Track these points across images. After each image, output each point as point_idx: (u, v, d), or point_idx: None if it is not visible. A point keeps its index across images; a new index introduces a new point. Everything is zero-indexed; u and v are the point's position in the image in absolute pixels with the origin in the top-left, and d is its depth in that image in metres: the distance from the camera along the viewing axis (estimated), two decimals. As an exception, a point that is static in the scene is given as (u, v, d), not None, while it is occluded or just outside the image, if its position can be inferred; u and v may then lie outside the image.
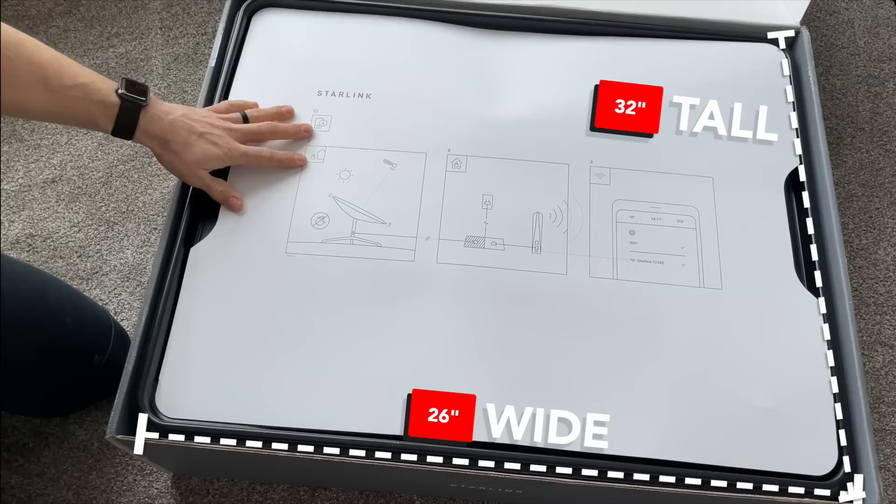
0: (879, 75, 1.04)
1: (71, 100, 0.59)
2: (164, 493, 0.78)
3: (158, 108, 0.65)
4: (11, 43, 0.56)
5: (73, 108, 0.60)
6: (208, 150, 0.66)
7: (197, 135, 0.66)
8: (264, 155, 0.70)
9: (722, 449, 0.62)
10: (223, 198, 0.69)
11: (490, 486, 0.67)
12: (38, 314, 0.68)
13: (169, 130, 0.64)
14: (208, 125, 0.67)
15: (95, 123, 0.62)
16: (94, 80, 0.61)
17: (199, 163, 0.67)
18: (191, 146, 0.66)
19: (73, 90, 0.59)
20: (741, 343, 0.66)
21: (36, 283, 0.70)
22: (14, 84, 0.56)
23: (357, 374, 0.64)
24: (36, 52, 0.58)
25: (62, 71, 0.59)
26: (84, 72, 0.60)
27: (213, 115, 0.69)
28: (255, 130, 0.70)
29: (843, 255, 0.69)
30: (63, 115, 0.60)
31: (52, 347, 0.70)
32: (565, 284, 0.68)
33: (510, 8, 0.82)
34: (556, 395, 0.64)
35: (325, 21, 0.82)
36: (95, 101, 0.60)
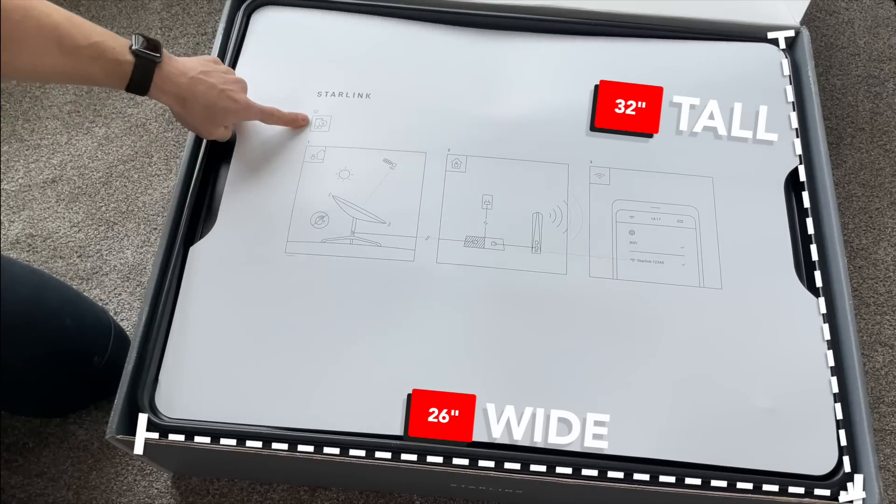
0: (879, 75, 1.04)
1: (84, 60, 0.58)
2: (164, 493, 0.78)
3: (174, 65, 0.64)
4: (20, 6, 0.54)
5: (87, 68, 0.59)
6: (229, 106, 0.68)
7: (217, 91, 0.67)
8: (275, 114, 0.73)
9: (722, 449, 0.62)
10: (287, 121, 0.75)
11: (490, 486, 0.67)
12: (37, 316, 0.68)
13: (188, 89, 0.65)
14: (226, 80, 0.68)
15: (110, 81, 0.61)
16: (106, 39, 0.59)
17: (215, 120, 0.68)
18: (213, 104, 0.66)
19: (87, 50, 0.58)
20: (741, 343, 0.66)
21: (34, 284, 0.69)
22: (26, 47, 0.55)
23: (357, 374, 0.64)
24: (46, 12, 0.56)
25: (74, 31, 0.57)
26: (97, 30, 0.59)
27: (230, 72, 0.70)
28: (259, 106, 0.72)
29: (843, 255, 0.69)
30: (77, 75, 0.59)
31: (50, 349, 0.69)
32: (565, 284, 0.68)
33: (510, 8, 0.82)
34: (556, 395, 0.64)
35: (324, 20, 0.82)
36: (109, 59, 0.59)
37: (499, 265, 0.69)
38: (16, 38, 0.54)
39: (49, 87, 1.01)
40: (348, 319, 0.66)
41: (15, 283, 0.66)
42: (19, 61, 0.55)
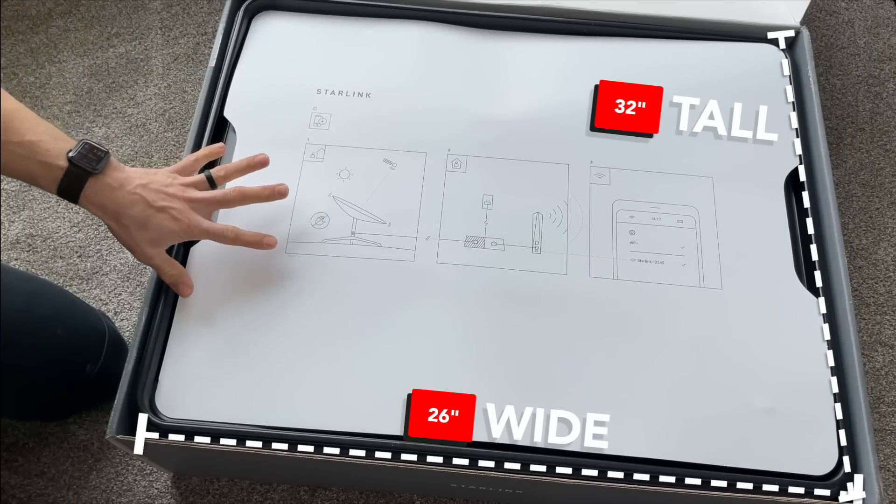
0: (879, 75, 1.04)
1: (14, 157, 0.56)
2: (164, 493, 0.78)
3: (113, 175, 0.59)
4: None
5: (14, 166, 0.56)
6: (165, 227, 0.60)
7: (155, 209, 0.60)
8: (228, 235, 0.64)
9: (722, 449, 0.62)
10: (172, 282, 0.65)
11: (490, 486, 0.67)
12: (27, 325, 0.67)
13: (122, 204, 0.59)
14: (168, 197, 0.61)
15: (38, 183, 0.58)
16: (43, 140, 0.57)
17: (153, 241, 0.61)
18: (147, 223, 0.60)
19: (18, 147, 0.56)
20: (741, 343, 0.66)
21: (25, 293, 0.68)
22: None
23: (357, 374, 0.64)
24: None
25: (11, 126, 0.55)
26: (37, 129, 0.57)
27: (175, 183, 0.63)
28: (220, 199, 0.64)
29: (843, 255, 0.69)
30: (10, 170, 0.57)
31: (41, 358, 0.69)
32: (565, 284, 0.68)
33: (510, 8, 0.82)
34: (556, 395, 0.64)
35: (325, 24, 0.82)
36: (38, 161, 0.56)
37: (499, 265, 0.69)
38: None
39: (49, 87, 1.01)
40: (348, 320, 0.66)
41: (5, 293, 0.65)
42: None
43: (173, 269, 0.64)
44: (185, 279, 0.65)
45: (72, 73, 1.02)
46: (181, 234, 0.62)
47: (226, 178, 0.67)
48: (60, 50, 1.04)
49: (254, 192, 0.66)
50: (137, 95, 1.01)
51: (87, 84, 1.01)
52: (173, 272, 0.64)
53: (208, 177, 0.65)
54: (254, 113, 0.76)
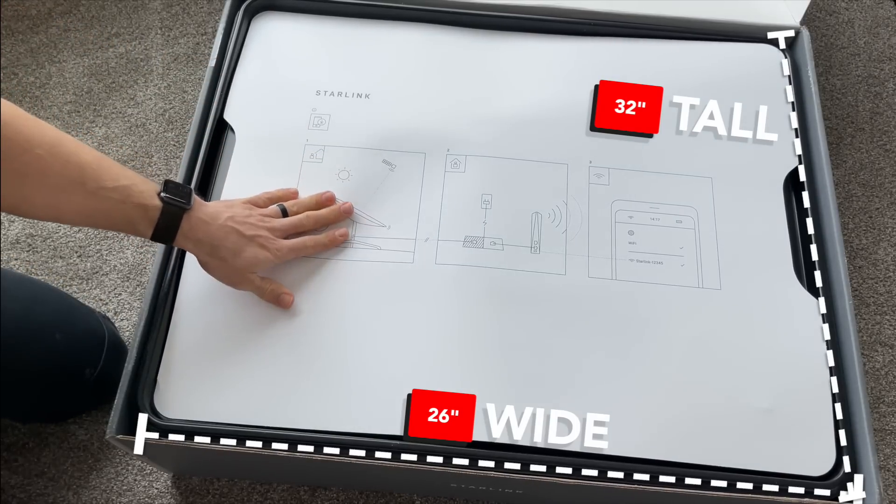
0: (879, 75, 1.04)
1: (109, 202, 0.55)
2: (164, 493, 0.78)
3: (203, 210, 0.61)
4: (47, 141, 0.52)
5: (111, 212, 0.56)
6: (259, 255, 0.63)
7: (247, 239, 0.63)
8: (309, 245, 0.68)
9: (722, 449, 0.62)
10: (274, 297, 0.66)
11: (490, 486, 0.67)
12: (25, 331, 0.67)
13: (216, 237, 0.61)
14: (254, 227, 0.64)
15: (135, 227, 0.57)
16: (135, 182, 0.57)
17: (250, 268, 0.64)
18: (241, 252, 0.62)
19: (113, 192, 0.55)
20: (740, 343, 0.66)
21: (24, 298, 0.68)
22: (48, 184, 0.52)
23: (357, 375, 0.64)
24: (74, 151, 0.54)
25: (102, 172, 0.55)
26: (126, 174, 0.57)
27: (255, 213, 0.66)
28: (296, 224, 0.68)
29: (843, 255, 0.69)
30: (99, 218, 0.56)
31: (39, 364, 0.69)
32: (564, 284, 0.68)
33: (510, 8, 0.82)
34: (556, 395, 0.64)
35: (324, 24, 0.82)
36: (135, 203, 0.56)
37: (498, 265, 0.69)
38: (37, 173, 0.52)
39: (49, 87, 1.01)
40: (348, 320, 0.66)
41: (2, 299, 0.65)
42: (39, 198, 0.53)
43: (271, 286, 0.66)
44: (283, 290, 0.67)
45: (72, 73, 1.02)
46: (272, 259, 0.65)
47: (297, 211, 0.69)
48: (60, 50, 1.04)
49: (324, 216, 0.69)
50: (137, 95, 1.01)
51: (87, 84, 1.01)
52: (272, 288, 0.66)
53: (282, 208, 0.69)
54: (253, 114, 0.76)
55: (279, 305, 0.66)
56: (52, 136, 0.53)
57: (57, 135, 0.53)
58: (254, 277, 0.65)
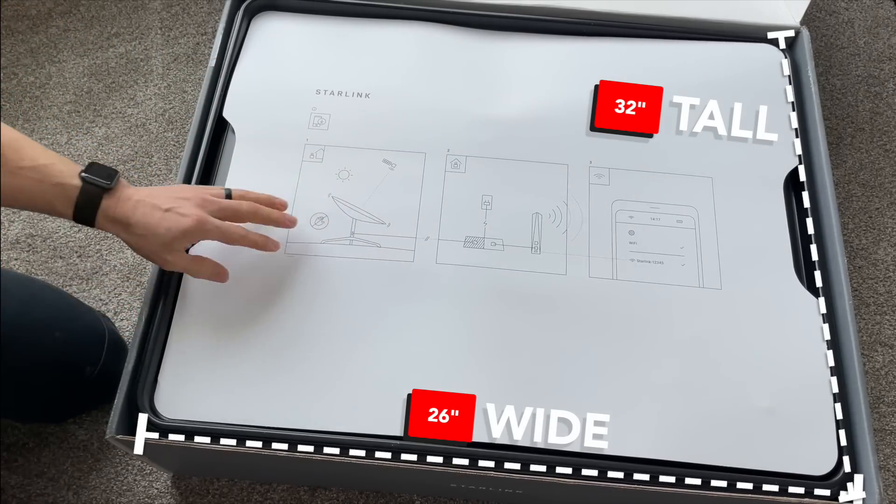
0: (879, 75, 1.04)
1: (28, 181, 0.55)
2: (164, 493, 0.78)
3: (125, 192, 0.59)
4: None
5: (30, 191, 0.56)
6: (176, 225, 0.59)
7: (162, 210, 0.59)
8: (237, 232, 0.63)
9: (721, 449, 0.62)
10: (210, 273, 0.64)
11: (490, 486, 0.67)
12: (22, 329, 0.67)
13: (132, 212, 0.59)
14: (176, 199, 0.61)
15: (53, 208, 0.57)
16: (53, 162, 0.57)
17: (168, 243, 0.60)
18: (156, 225, 0.59)
19: (31, 171, 0.55)
20: (741, 343, 0.66)
21: (22, 297, 0.68)
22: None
23: (357, 375, 0.64)
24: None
25: (21, 152, 0.55)
26: (45, 153, 0.57)
27: (189, 189, 0.63)
28: (233, 207, 0.63)
29: (843, 255, 0.69)
30: (20, 198, 0.56)
31: (39, 362, 0.69)
32: (565, 285, 0.68)
33: (510, 8, 0.82)
34: (556, 395, 0.64)
35: (324, 24, 0.82)
36: (54, 183, 0.56)
37: (498, 265, 0.69)
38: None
39: (49, 87, 1.01)
40: (348, 320, 0.66)
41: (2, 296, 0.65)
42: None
43: (202, 265, 0.64)
44: (219, 269, 0.64)
45: (72, 73, 1.02)
46: (191, 230, 0.60)
47: (243, 198, 0.66)
48: (60, 50, 1.04)
49: (265, 213, 0.66)
50: (137, 95, 1.01)
51: (86, 84, 1.01)
52: (204, 268, 0.64)
53: (227, 191, 0.65)
54: (253, 113, 0.76)
55: (217, 280, 0.64)
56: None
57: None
58: (178, 257, 0.62)
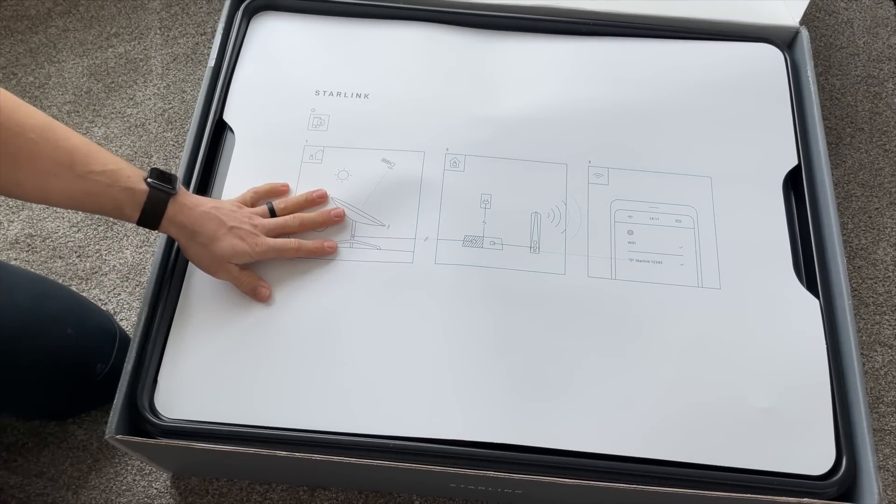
0: (878, 75, 1.04)
1: (98, 185, 0.57)
2: (163, 493, 0.78)
3: (187, 198, 0.63)
4: (38, 126, 0.54)
5: (99, 195, 0.58)
6: (236, 246, 0.64)
7: (226, 228, 0.64)
8: (291, 247, 0.67)
9: (720, 448, 0.62)
10: (250, 288, 0.66)
11: (490, 486, 0.67)
12: (36, 325, 0.67)
13: (198, 222, 0.62)
14: (237, 219, 0.65)
15: (121, 211, 0.59)
16: (122, 167, 0.59)
17: (227, 257, 0.64)
18: (219, 240, 0.63)
19: (101, 176, 0.57)
20: (740, 343, 0.66)
21: (34, 292, 0.69)
22: (38, 168, 0.55)
23: (356, 375, 0.64)
24: (65, 136, 0.56)
25: (90, 157, 0.57)
26: (113, 158, 0.59)
27: (243, 210, 0.67)
28: (281, 225, 0.68)
29: (843, 255, 0.69)
30: (88, 201, 0.58)
31: (51, 358, 0.69)
32: (564, 284, 0.68)
33: (510, 8, 0.82)
34: (556, 394, 0.64)
35: (323, 24, 0.82)
36: (123, 187, 0.58)
37: (497, 265, 0.69)
38: (29, 157, 0.54)
39: (48, 87, 1.01)
40: (347, 320, 0.66)
41: (13, 291, 0.66)
42: (30, 181, 0.55)
43: (249, 277, 0.66)
44: (262, 283, 0.67)
45: (71, 73, 1.02)
46: (249, 252, 0.65)
47: (285, 210, 0.70)
48: (60, 50, 1.04)
49: (311, 219, 0.69)
50: (137, 95, 1.01)
51: (86, 84, 1.01)
52: (249, 280, 0.66)
53: (270, 208, 0.69)
54: (252, 114, 0.76)
55: (255, 298, 0.67)
56: (42, 121, 0.55)
57: (48, 120, 0.56)
58: (231, 268, 0.65)
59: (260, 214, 0.68)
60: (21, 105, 0.54)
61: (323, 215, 0.70)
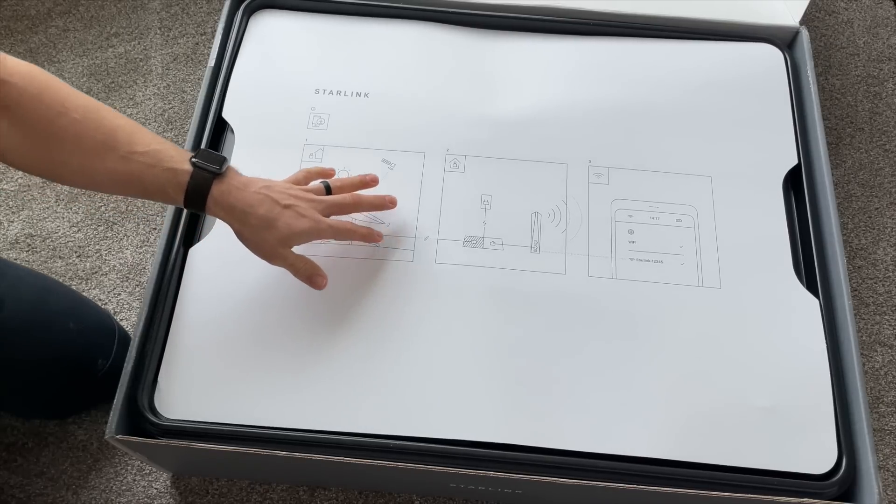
0: (878, 75, 1.04)
1: (141, 166, 0.56)
2: (163, 493, 0.78)
3: (235, 178, 0.60)
4: (82, 106, 0.54)
5: (142, 175, 0.56)
6: (295, 224, 0.60)
7: (281, 206, 0.60)
8: (347, 228, 0.64)
9: (721, 448, 0.62)
10: (306, 276, 0.63)
11: (490, 486, 0.67)
12: (40, 319, 0.68)
13: (248, 203, 0.59)
14: (292, 197, 0.61)
15: (166, 193, 0.57)
16: (166, 148, 0.57)
17: (284, 240, 0.60)
18: (275, 220, 0.59)
19: (144, 156, 0.56)
20: (740, 342, 0.66)
21: (38, 287, 0.69)
22: (82, 148, 0.54)
23: (356, 375, 0.64)
24: (108, 117, 0.56)
25: (134, 137, 0.56)
26: (158, 139, 0.58)
27: (294, 187, 0.63)
28: (339, 202, 0.64)
29: (843, 255, 0.69)
30: (131, 183, 0.57)
31: (54, 352, 0.69)
32: (564, 284, 0.68)
33: (510, 8, 0.82)
34: (556, 394, 0.64)
35: (323, 23, 0.82)
36: (165, 167, 0.56)
37: (498, 265, 0.69)
38: (73, 137, 0.54)
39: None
40: (347, 320, 0.66)
41: (18, 286, 0.66)
42: (74, 160, 0.55)
43: (306, 264, 0.63)
44: (318, 271, 0.64)
45: (71, 73, 1.02)
46: (308, 231, 0.61)
47: (341, 189, 0.67)
48: (59, 50, 1.04)
49: (368, 200, 0.67)
50: (137, 95, 1.01)
51: (86, 84, 1.01)
52: (306, 267, 0.63)
53: (325, 185, 0.66)
54: (252, 113, 0.76)
55: (312, 286, 0.64)
56: (87, 102, 0.55)
57: (92, 102, 0.56)
58: (288, 253, 0.62)
59: (315, 191, 0.64)
60: (65, 86, 0.54)
61: (378, 198, 0.67)
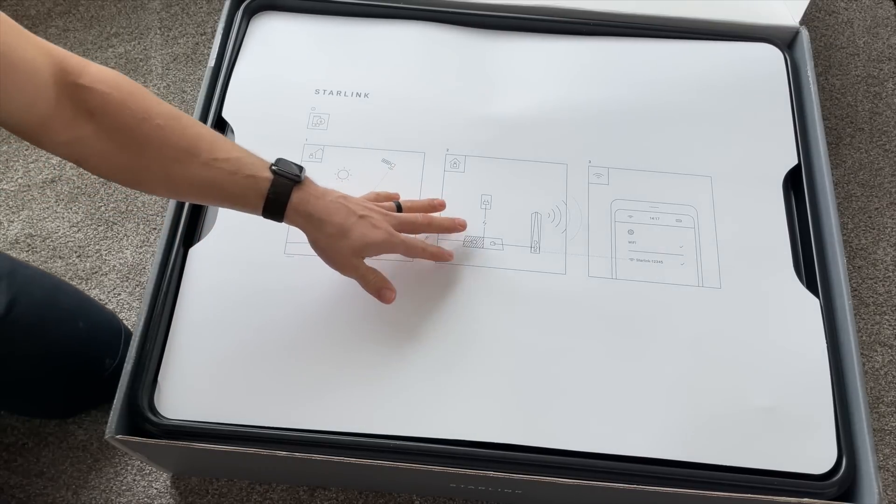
0: (878, 75, 1.04)
1: (221, 173, 0.56)
2: (163, 493, 0.78)
3: (313, 187, 0.60)
4: (165, 113, 0.55)
5: (223, 183, 0.56)
6: (369, 234, 0.60)
7: (357, 216, 0.60)
8: (419, 247, 0.65)
9: (721, 448, 0.62)
10: (376, 288, 0.63)
11: (490, 486, 0.67)
12: (51, 318, 0.68)
13: (326, 211, 0.59)
14: (367, 208, 0.62)
15: (246, 200, 0.58)
16: (247, 155, 0.58)
17: (357, 249, 0.61)
18: (351, 229, 0.60)
19: (225, 163, 0.56)
20: (740, 343, 0.66)
21: (48, 286, 0.70)
22: (165, 154, 0.55)
23: (356, 375, 0.64)
24: (190, 124, 0.57)
25: (215, 145, 0.57)
26: (238, 148, 0.58)
27: (369, 201, 0.65)
28: (411, 220, 0.65)
29: (843, 255, 0.69)
30: (212, 190, 0.57)
31: (64, 351, 0.70)
32: (564, 284, 0.68)
33: (510, 8, 0.82)
34: (556, 394, 0.64)
35: (323, 23, 0.82)
36: (246, 175, 0.57)
37: (498, 265, 0.69)
38: (156, 143, 0.54)
39: (48, 87, 1.01)
40: (347, 321, 0.66)
41: (29, 285, 0.67)
42: (156, 167, 0.55)
43: (376, 277, 0.64)
44: (388, 285, 0.64)
45: (71, 73, 1.02)
46: (381, 243, 0.62)
47: (412, 209, 0.68)
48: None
49: (439, 221, 0.68)
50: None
51: (86, 84, 1.01)
52: (376, 280, 0.64)
53: (397, 204, 0.67)
54: (252, 113, 0.76)
55: (380, 299, 0.64)
56: (169, 109, 0.56)
57: (173, 109, 0.56)
58: (360, 263, 0.62)
59: (388, 208, 0.65)
60: (149, 94, 0.55)
61: (450, 220, 0.68)
